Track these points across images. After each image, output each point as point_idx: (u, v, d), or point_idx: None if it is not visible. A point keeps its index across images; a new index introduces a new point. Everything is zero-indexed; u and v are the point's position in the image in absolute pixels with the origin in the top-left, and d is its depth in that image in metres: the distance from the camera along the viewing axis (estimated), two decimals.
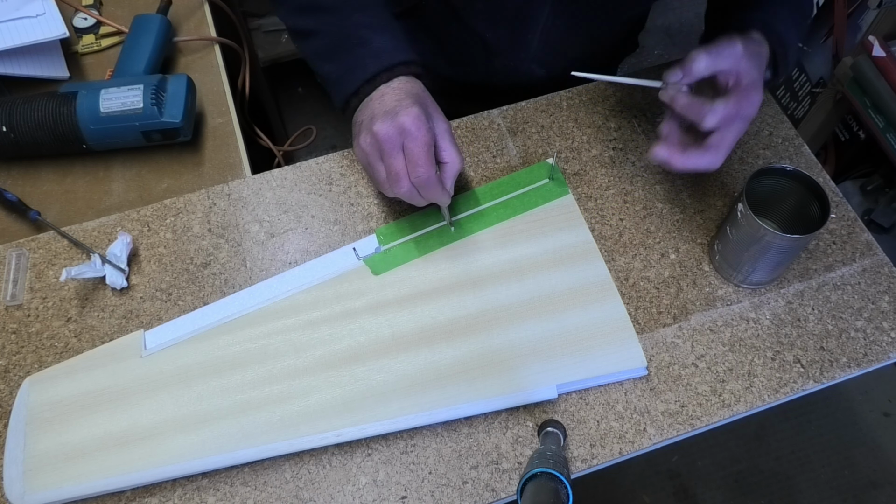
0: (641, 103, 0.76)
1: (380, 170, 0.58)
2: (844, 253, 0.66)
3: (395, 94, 0.59)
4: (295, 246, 0.66)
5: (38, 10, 0.76)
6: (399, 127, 0.56)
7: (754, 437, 1.41)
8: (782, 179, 0.61)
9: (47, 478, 0.54)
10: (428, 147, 0.56)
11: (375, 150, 0.58)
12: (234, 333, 0.60)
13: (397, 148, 0.57)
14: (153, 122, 0.70)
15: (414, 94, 0.59)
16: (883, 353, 0.60)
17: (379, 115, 0.58)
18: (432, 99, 0.62)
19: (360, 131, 0.60)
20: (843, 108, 1.42)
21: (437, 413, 0.56)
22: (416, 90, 0.60)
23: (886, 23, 1.31)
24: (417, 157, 0.56)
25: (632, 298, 0.63)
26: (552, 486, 0.44)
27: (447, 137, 0.59)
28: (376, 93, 0.60)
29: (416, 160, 0.56)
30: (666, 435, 0.57)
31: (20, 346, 0.61)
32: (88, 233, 0.67)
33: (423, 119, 0.57)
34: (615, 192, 0.70)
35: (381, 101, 0.59)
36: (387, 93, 0.60)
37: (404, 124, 0.56)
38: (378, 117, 0.57)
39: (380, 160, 0.58)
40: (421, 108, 0.57)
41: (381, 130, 0.56)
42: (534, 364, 0.58)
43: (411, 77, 0.62)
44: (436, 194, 0.58)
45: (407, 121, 0.56)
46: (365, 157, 0.59)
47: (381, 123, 0.57)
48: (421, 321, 0.61)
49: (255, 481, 0.55)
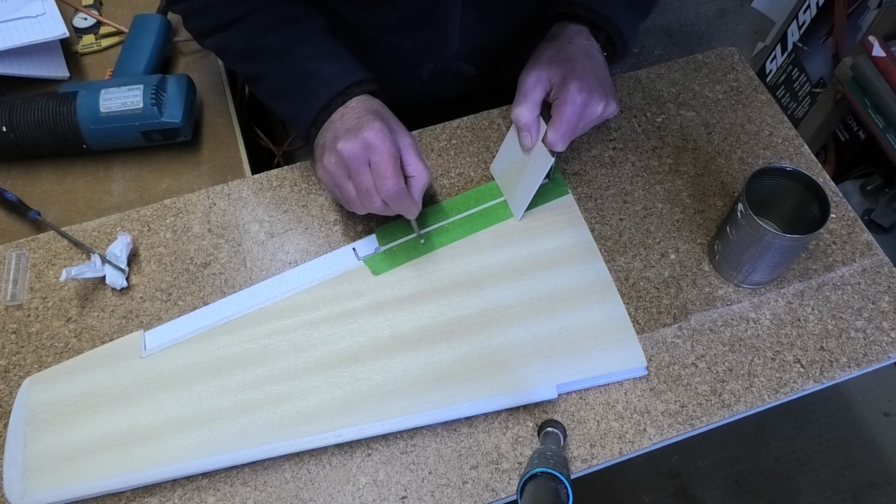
0: (641, 103, 0.76)
1: (348, 188, 0.58)
2: (844, 253, 0.66)
3: (355, 112, 0.59)
4: (295, 246, 0.66)
5: (38, 10, 0.76)
6: (363, 142, 0.56)
7: (754, 437, 1.41)
8: (782, 179, 0.61)
9: (47, 478, 0.54)
10: (394, 159, 0.57)
11: (342, 170, 0.58)
12: (233, 334, 0.60)
13: (364, 164, 0.57)
14: (153, 122, 0.70)
15: (374, 111, 0.59)
16: (883, 353, 0.60)
17: (341, 134, 0.57)
18: (392, 114, 0.62)
19: (324, 153, 0.59)
20: (843, 108, 1.41)
21: (437, 413, 0.56)
22: (374, 107, 0.60)
23: (886, 23, 1.31)
24: (385, 170, 0.56)
25: (632, 298, 0.63)
26: (552, 486, 0.44)
27: (412, 151, 0.59)
28: (335, 115, 0.60)
29: (383, 174, 0.56)
30: (666, 435, 0.57)
31: (20, 346, 0.61)
32: (88, 233, 0.67)
33: (386, 132, 0.57)
34: (615, 192, 0.70)
35: (342, 120, 0.59)
36: (346, 113, 0.60)
37: (368, 139, 0.56)
38: (341, 136, 0.57)
39: (347, 179, 0.58)
40: (383, 122, 0.58)
41: (346, 148, 0.56)
42: (534, 364, 0.58)
43: (367, 95, 0.62)
44: (405, 206, 0.58)
45: (370, 135, 0.56)
46: (331, 178, 0.59)
47: (345, 141, 0.57)
48: (421, 321, 0.61)
49: (255, 481, 0.55)
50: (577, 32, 0.64)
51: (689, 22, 2.08)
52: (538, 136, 0.62)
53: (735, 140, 0.73)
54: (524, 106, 0.61)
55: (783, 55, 1.64)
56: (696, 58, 0.80)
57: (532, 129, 0.62)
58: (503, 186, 0.68)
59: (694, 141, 0.73)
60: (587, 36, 0.65)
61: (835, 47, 1.45)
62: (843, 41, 1.43)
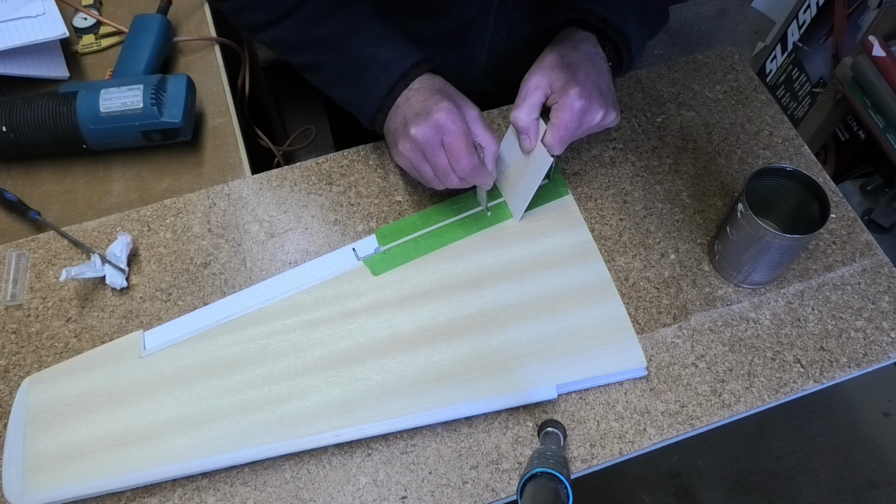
0: (641, 103, 0.76)
1: (426, 170, 0.60)
2: (844, 253, 0.66)
3: (420, 94, 0.60)
4: (295, 246, 0.66)
5: (38, 10, 0.76)
6: (435, 125, 0.58)
7: (754, 437, 1.41)
8: (782, 179, 0.61)
9: (46, 478, 0.54)
10: (466, 137, 0.58)
11: (418, 154, 0.60)
12: (233, 334, 0.60)
13: (438, 146, 0.58)
14: (153, 122, 0.70)
15: (438, 90, 0.61)
16: (883, 353, 0.60)
17: (412, 119, 0.59)
18: (454, 88, 0.63)
19: (398, 139, 0.61)
20: (843, 108, 1.42)
21: (437, 413, 0.56)
22: (438, 85, 0.61)
23: (886, 23, 1.31)
24: (458, 149, 0.58)
25: (632, 298, 0.63)
26: (552, 486, 0.44)
27: (479, 123, 0.60)
28: (401, 99, 0.61)
29: (457, 153, 0.58)
30: (666, 435, 0.57)
31: (20, 346, 0.61)
32: (88, 233, 0.67)
33: (455, 111, 0.58)
34: (615, 192, 0.70)
35: (409, 105, 0.60)
36: (411, 96, 0.61)
37: (439, 121, 0.58)
38: (411, 121, 0.59)
39: (424, 161, 0.60)
40: (450, 100, 0.59)
41: (419, 133, 0.58)
42: (533, 364, 0.58)
43: (428, 74, 0.62)
44: (482, 178, 0.60)
45: (441, 116, 0.58)
46: (408, 162, 0.61)
47: (417, 126, 0.58)
48: (420, 321, 0.61)
49: (255, 481, 0.55)
50: (585, 39, 0.65)
51: (689, 22, 2.08)
52: (537, 139, 0.62)
53: (735, 140, 0.73)
54: (522, 109, 0.62)
55: (783, 55, 1.64)
56: (696, 58, 0.80)
57: (530, 131, 0.62)
58: (502, 188, 0.68)
59: (694, 141, 0.73)
60: (594, 44, 0.65)
61: (835, 47, 1.45)
62: (843, 41, 1.43)
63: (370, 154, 0.72)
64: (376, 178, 0.71)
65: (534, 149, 0.62)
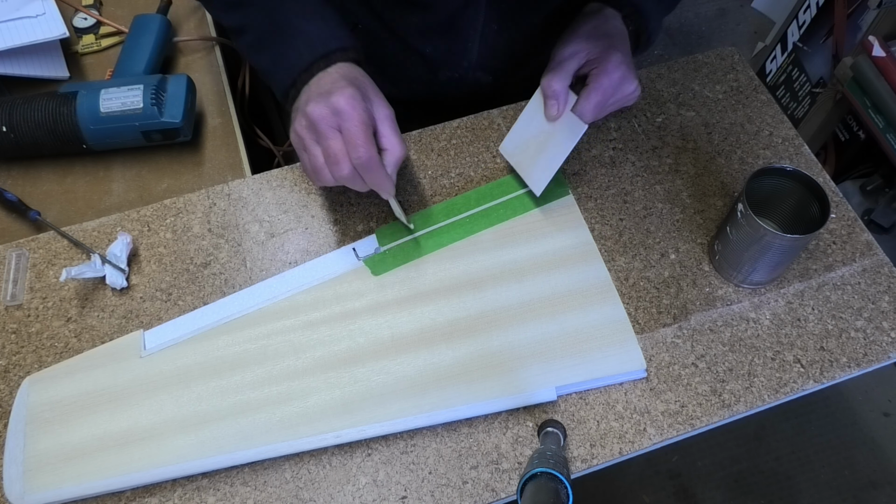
0: (641, 103, 0.76)
1: (315, 154, 0.56)
2: (844, 253, 0.66)
3: (331, 77, 0.57)
4: (295, 246, 0.66)
5: (38, 10, 0.76)
6: (332, 107, 0.54)
7: (754, 437, 1.41)
8: (782, 179, 0.61)
9: (47, 478, 0.54)
10: (365, 127, 0.54)
11: (310, 133, 0.56)
12: (233, 334, 0.60)
13: (333, 128, 0.54)
14: (153, 122, 0.70)
15: (351, 77, 0.57)
16: (883, 353, 0.60)
17: (313, 97, 0.55)
18: (373, 84, 0.59)
19: (296, 115, 0.58)
20: (843, 108, 1.41)
21: (437, 415, 0.56)
22: (353, 74, 0.58)
23: (886, 23, 1.31)
24: (355, 136, 0.54)
25: (632, 298, 0.63)
26: (552, 486, 0.44)
27: (388, 124, 0.57)
28: (314, 79, 0.58)
29: (354, 140, 0.54)
30: (666, 435, 0.57)
31: (20, 346, 0.61)
32: (88, 233, 0.67)
33: (358, 98, 0.55)
34: (615, 192, 0.70)
35: (318, 84, 0.57)
36: (323, 77, 0.58)
37: (337, 104, 0.54)
38: (312, 99, 0.55)
39: (315, 143, 0.56)
40: (357, 89, 0.56)
41: (315, 111, 0.54)
42: (533, 366, 0.58)
43: (350, 63, 0.59)
44: (379, 179, 0.56)
45: (340, 101, 0.54)
46: (300, 141, 0.57)
47: (314, 105, 0.55)
48: (420, 322, 0.61)
49: (255, 481, 0.55)
50: (613, 16, 0.64)
51: (689, 22, 2.08)
52: (566, 106, 0.60)
53: (735, 140, 0.73)
54: (557, 74, 0.60)
55: (783, 55, 1.64)
56: (696, 58, 0.80)
57: (560, 98, 0.60)
58: (517, 164, 0.67)
59: (694, 141, 0.73)
60: (621, 21, 0.65)
61: (835, 47, 1.45)
62: (843, 41, 1.43)
63: None
64: None
65: (560, 117, 0.61)
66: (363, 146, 0.54)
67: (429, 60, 0.74)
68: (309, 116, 0.55)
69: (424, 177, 0.71)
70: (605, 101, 0.60)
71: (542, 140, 0.64)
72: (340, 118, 0.54)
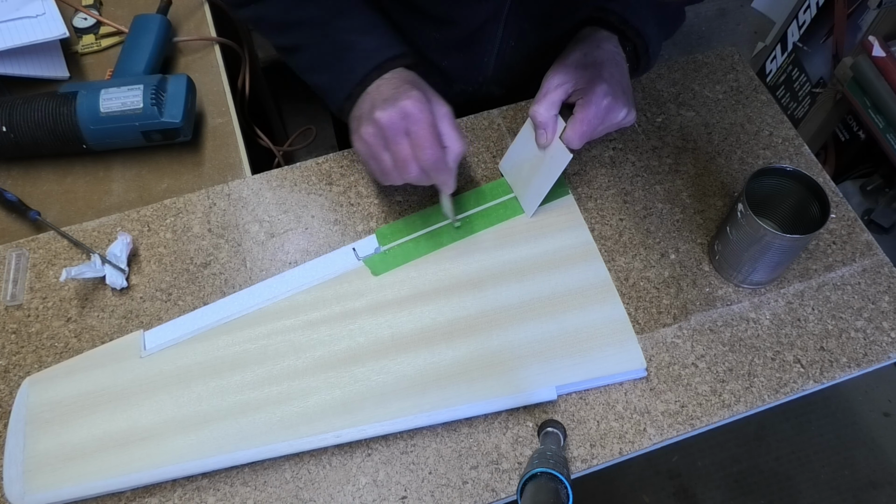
0: (642, 103, 0.76)
1: (384, 159, 0.58)
2: (844, 253, 0.66)
3: (391, 83, 0.59)
4: (295, 246, 0.66)
5: (38, 10, 0.76)
6: (401, 111, 0.56)
7: (754, 437, 1.41)
8: (782, 179, 0.61)
9: (47, 478, 0.54)
10: (432, 128, 0.56)
11: (379, 139, 0.57)
12: (233, 334, 0.60)
13: (401, 133, 0.56)
14: (153, 122, 0.70)
15: (410, 81, 0.59)
16: (883, 353, 0.60)
17: (379, 104, 0.57)
18: (429, 85, 0.61)
19: (361, 123, 0.59)
20: (843, 108, 1.42)
21: (437, 414, 0.56)
22: (411, 78, 0.60)
23: (886, 23, 1.31)
24: (423, 139, 0.55)
25: (632, 298, 0.63)
26: (552, 486, 0.44)
27: (447, 121, 0.58)
28: (371, 87, 0.60)
29: (422, 143, 0.56)
30: (666, 435, 0.57)
31: (20, 346, 0.61)
32: (88, 233, 0.67)
33: (423, 101, 0.56)
34: (615, 192, 0.70)
35: (379, 91, 0.59)
36: (382, 84, 0.59)
37: (406, 108, 0.56)
38: (378, 105, 0.57)
39: (384, 149, 0.57)
40: (420, 91, 0.57)
41: (384, 117, 0.56)
42: (533, 365, 0.58)
43: (403, 68, 0.61)
44: (443, 177, 0.58)
45: (408, 104, 0.56)
46: (367, 148, 0.58)
47: (382, 111, 0.56)
48: (420, 322, 0.61)
49: (255, 481, 0.55)
50: (607, 39, 0.65)
51: (689, 22, 2.07)
52: (554, 135, 0.62)
53: (735, 140, 0.73)
54: (543, 104, 0.61)
55: (783, 55, 1.64)
56: (696, 58, 0.80)
57: (549, 127, 0.62)
58: (513, 183, 0.68)
59: (694, 141, 0.73)
60: (616, 44, 0.65)
61: (835, 47, 1.45)
62: (843, 41, 1.43)
63: None
64: None
65: (550, 145, 0.62)
66: (430, 148, 0.56)
67: (445, 74, 0.75)
68: (378, 123, 0.56)
69: None
70: (592, 131, 0.61)
71: (534, 163, 0.65)
72: (409, 121, 0.56)
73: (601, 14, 0.66)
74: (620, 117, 0.62)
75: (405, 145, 0.56)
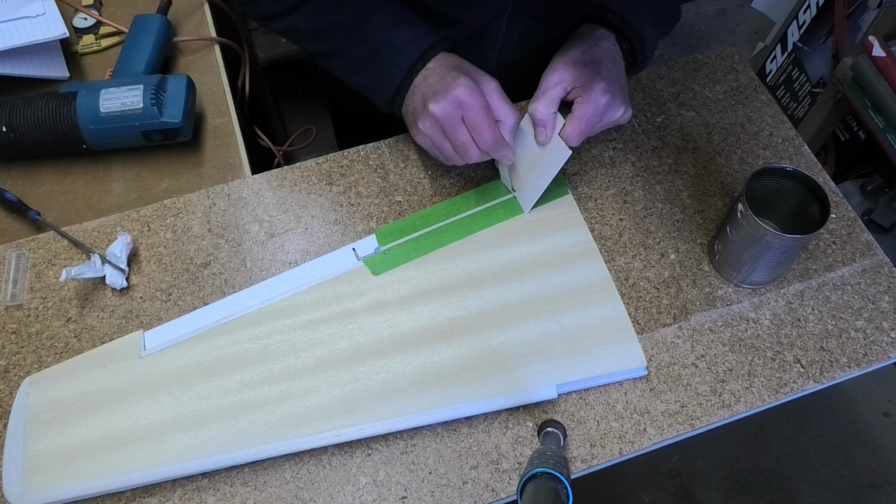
0: (641, 103, 0.76)
1: (446, 147, 0.60)
2: (844, 253, 0.66)
3: (437, 73, 0.61)
4: (295, 246, 0.66)
5: (38, 10, 0.76)
6: (454, 101, 0.58)
7: (754, 437, 1.41)
8: (782, 179, 0.61)
9: (46, 478, 0.54)
10: (486, 111, 0.58)
11: (438, 131, 0.60)
12: (233, 334, 0.60)
13: (458, 122, 0.59)
14: (153, 122, 0.70)
15: (454, 66, 0.61)
16: (883, 353, 0.60)
17: (430, 97, 0.59)
18: (471, 64, 0.63)
19: (418, 118, 0.61)
20: (843, 108, 1.42)
21: (437, 413, 0.56)
22: (454, 62, 0.62)
23: (886, 23, 1.31)
24: (480, 123, 0.58)
25: (632, 298, 0.63)
26: (552, 486, 0.44)
27: (497, 96, 0.60)
28: (418, 79, 0.62)
29: (479, 127, 0.58)
30: (666, 435, 0.57)
31: (20, 346, 0.61)
32: (88, 233, 0.67)
33: (473, 86, 0.58)
34: (615, 192, 0.70)
35: (426, 83, 0.61)
36: (428, 75, 0.61)
37: (458, 96, 0.58)
38: (430, 99, 0.59)
39: (444, 138, 0.60)
40: (467, 76, 0.59)
41: (439, 110, 0.58)
42: (533, 364, 0.58)
43: (444, 53, 0.63)
44: (503, 152, 0.61)
45: (460, 92, 0.58)
46: (429, 140, 0.61)
47: (436, 104, 0.58)
48: (420, 321, 0.61)
49: (255, 481, 0.55)
50: (605, 37, 0.66)
51: (689, 22, 2.08)
52: (553, 132, 0.62)
53: (735, 140, 0.73)
54: (542, 102, 0.62)
55: (783, 55, 1.64)
56: (696, 58, 0.80)
57: (548, 124, 0.62)
58: (511, 180, 0.68)
59: (694, 141, 0.73)
60: (613, 42, 0.66)
61: (835, 47, 1.45)
62: (843, 41, 1.43)
63: (370, 154, 0.72)
64: (376, 178, 0.71)
65: (549, 142, 0.63)
66: (488, 131, 0.58)
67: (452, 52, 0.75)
68: (434, 116, 0.59)
69: (424, 177, 0.71)
70: (590, 128, 0.61)
71: (532, 160, 0.65)
72: (463, 109, 0.58)
73: (600, 13, 0.66)
74: (618, 115, 0.63)
75: (464, 132, 0.59)
